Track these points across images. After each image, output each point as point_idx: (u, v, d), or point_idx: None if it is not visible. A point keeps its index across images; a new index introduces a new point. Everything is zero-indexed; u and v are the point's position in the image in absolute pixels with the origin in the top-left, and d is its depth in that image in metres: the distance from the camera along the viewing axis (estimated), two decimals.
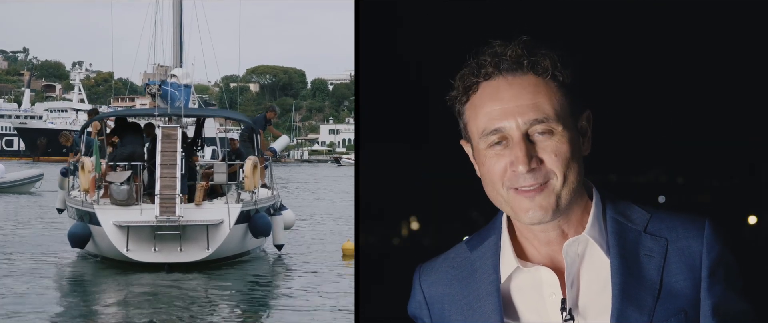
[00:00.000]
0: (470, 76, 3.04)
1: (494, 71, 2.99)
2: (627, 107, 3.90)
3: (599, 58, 3.83)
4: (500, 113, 2.95)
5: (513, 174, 2.94)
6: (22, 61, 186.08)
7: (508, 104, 2.94)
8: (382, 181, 3.93)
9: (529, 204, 2.93)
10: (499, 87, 2.98)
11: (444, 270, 3.26)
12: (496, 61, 2.98)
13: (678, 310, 2.93)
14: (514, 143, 2.93)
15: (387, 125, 3.94)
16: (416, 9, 3.89)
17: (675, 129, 3.95)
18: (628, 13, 3.86)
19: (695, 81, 3.95)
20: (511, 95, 2.95)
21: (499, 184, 2.97)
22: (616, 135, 3.87)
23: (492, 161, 2.98)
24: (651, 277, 2.94)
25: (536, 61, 2.95)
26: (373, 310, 3.84)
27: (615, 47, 3.88)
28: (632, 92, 3.92)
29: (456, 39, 3.79)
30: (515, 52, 2.95)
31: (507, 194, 2.96)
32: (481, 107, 3.01)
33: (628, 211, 3.05)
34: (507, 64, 2.98)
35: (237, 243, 14.95)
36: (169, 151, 14.67)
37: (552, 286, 3.01)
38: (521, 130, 2.92)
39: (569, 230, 3.01)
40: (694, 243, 2.97)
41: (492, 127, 2.96)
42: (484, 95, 3.01)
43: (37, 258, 15.91)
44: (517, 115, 2.92)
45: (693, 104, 3.96)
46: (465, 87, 3.06)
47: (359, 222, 3.84)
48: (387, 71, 3.86)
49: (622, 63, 3.90)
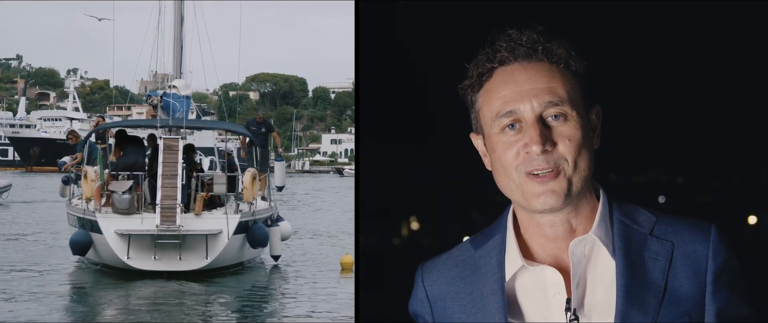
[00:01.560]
0: (485, 63, 3.07)
1: (509, 57, 3.03)
2: (627, 107, 3.97)
3: (599, 58, 3.89)
4: (515, 95, 2.97)
5: (526, 157, 2.94)
6: (15, 69, 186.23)
7: (522, 87, 2.97)
8: (382, 181, 3.99)
9: (541, 189, 2.94)
10: (514, 71, 3.02)
11: (447, 268, 3.27)
12: (511, 46, 3.02)
13: (682, 313, 2.95)
14: (529, 126, 2.95)
15: (387, 124, 4.01)
16: (416, 9, 3.97)
17: (675, 129, 4.01)
18: (627, 13, 3.93)
19: (695, 81, 4.01)
20: (525, 78, 2.99)
21: (512, 169, 2.97)
22: (616, 135, 3.93)
23: (504, 145, 2.98)
24: (656, 280, 2.96)
25: (551, 48, 3.01)
26: (373, 310, 3.88)
27: (615, 47, 3.94)
28: (632, 91, 3.99)
29: (457, 38, 3.88)
30: (531, 39, 3.01)
31: (519, 179, 2.96)
32: (495, 91, 3.02)
33: (634, 214, 3.08)
34: (523, 51, 3.02)
35: (235, 253, 15.33)
36: (170, 162, 15.06)
37: (556, 286, 3.02)
38: (536, 112, 2.95)
39: (578, 226, 3.03)
40: (700, 248, 2.99)
41: (506, 109, 2.97)
42: (499, 79, 3.03)
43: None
44: (532, 97, 2.95)
45: (693, 105, 4.02)
46: (479, 73, 3.07)
47: (359, 222, 3.90)
48: (387, 71, 3.94)
49: (621, 63, 3.97)
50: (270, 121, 19.15)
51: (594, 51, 3.82)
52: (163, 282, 13.89)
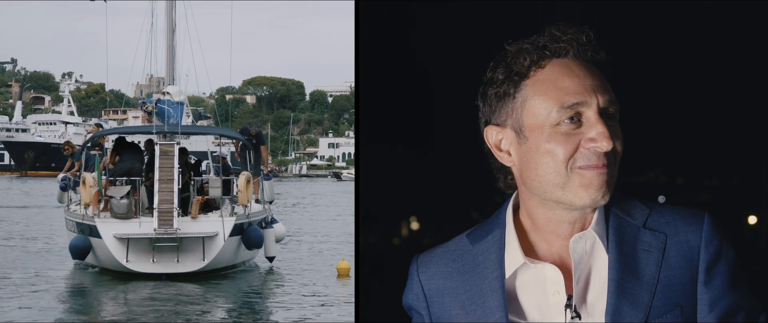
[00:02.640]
0: (536, 52, 3.00)
1: (567, 49, 2.99)
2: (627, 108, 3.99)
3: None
4: (579, 88, 2.90)
5: (586, 152, 2.88)
6: (9, 72, 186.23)
7: (586, 81, 2.93)
8: (382, 181, 4.02)
9: (598, 180, 2.89)
10: (571, 65, 2.98)
11: (444, 262, 3.26)
12: (570, 38, 3.00)
13: (674, 305, 2.93)
14: (595, 120, 2.89)
15: (387, 124, 4.04)
16: (416, 9, 4.01)
17: (675, 129, 4.03)
18: (627, 14, 3.96)
19: (695, 81, 4.04)
20: (586, 74, 2.95)
21: (564, 164, 2.89)
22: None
23: (562, 137, 2.90)
24: (649, 273, 2.94)
25: (598, 50, 3.02)
26: (373, 310, 3.90)
27: (615, 47, 3.97)
28: (632, 92, 4.02)
29: (459, 39, 3.92)
30: (588, 37, 2.99)
31: (570, 173, 2.90)
32: (554, 82, 2.92)
33: (628, 206, 3.08)
34: (577, 47, 2.99)
35: (231, 255, 15.69)
36: (166, 167, 15.38)
37: (556, 284, 3.01)
38: (601, 106, 2.95)
39: (587, 224, 3.04)
40: (693, 237, 2.98)
41: (572, 101, 2.89)
42: (555, 70, 2.97)
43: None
44: (598, 93, 2.92)
45: (693, 104, 4.05)
46: (532, 61, 3.00)
47: (359, 222, 3.93)
48: (388, 71, 3.97)
49: (622, 63, 3.99)
50: (262, 134, 19.56)
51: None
52: (160, 283, 14.19)
